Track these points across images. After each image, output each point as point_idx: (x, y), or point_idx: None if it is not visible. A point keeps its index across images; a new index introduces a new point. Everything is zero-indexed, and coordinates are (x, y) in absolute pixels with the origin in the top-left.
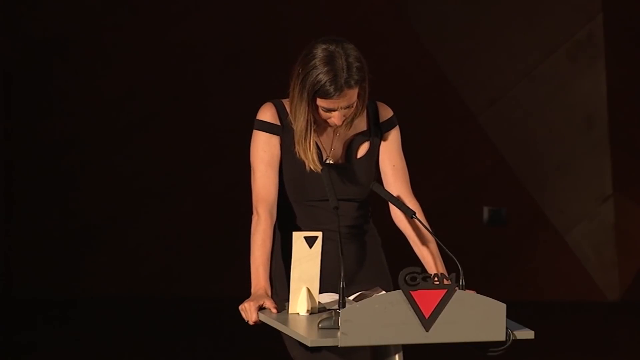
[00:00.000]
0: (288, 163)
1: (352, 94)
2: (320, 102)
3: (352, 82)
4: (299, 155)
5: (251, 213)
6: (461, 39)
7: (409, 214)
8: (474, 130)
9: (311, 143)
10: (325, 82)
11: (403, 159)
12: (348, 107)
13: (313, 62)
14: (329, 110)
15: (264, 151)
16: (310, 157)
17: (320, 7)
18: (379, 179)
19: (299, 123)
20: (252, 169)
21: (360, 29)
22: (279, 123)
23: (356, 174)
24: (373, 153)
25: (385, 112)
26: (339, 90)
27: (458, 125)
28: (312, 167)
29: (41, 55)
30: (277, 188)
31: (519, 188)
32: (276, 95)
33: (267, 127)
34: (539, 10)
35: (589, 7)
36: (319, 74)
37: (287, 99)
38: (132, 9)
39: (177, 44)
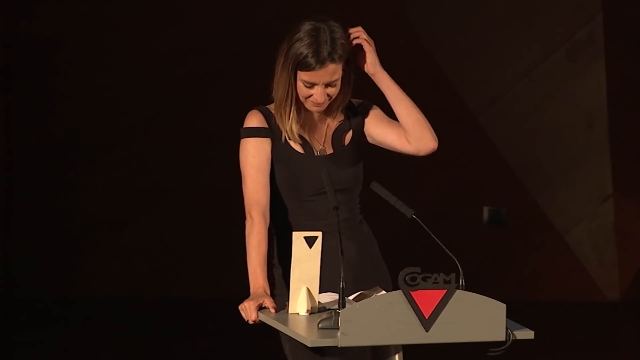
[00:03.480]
0: (281, 162)
1: (334, 70)
2: (301, 75)
3: (335, 57)
4: (277, 124)
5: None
6: (461, 39)
7: (409, 214)
8: (474, 130)
9: (290, 112)
10: (308, 54)
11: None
12: (330, 84)
13: (297, 35)
14: (311, 85)
15: (254, 157)
16: (288, 126)
17: (319, 8)
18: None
19: (279, 92)
20: (242, 175)
21: None
22: (266, 126)
23: (345, 162)
24: (357, 140)
25: (356, 100)
26: (321, 62)
27: (458, 125)
28: (288, 136)
29: (41, 54)
30: (268, 192)
31: (519, 188)
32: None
33: (255, 132)
34: (539, 10)
35: (589, 7)
36: (302, 45)
37: (272, 104)
38: (132, 8)
39: (177, 43)
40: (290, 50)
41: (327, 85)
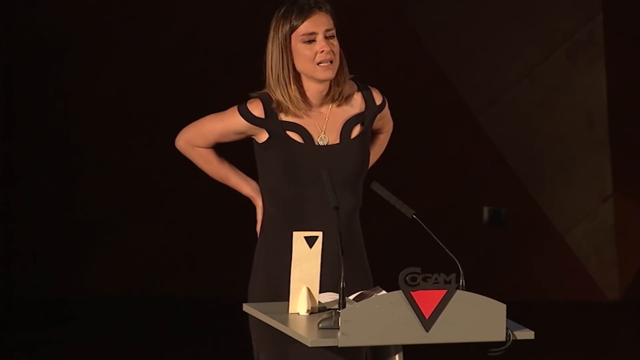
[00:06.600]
0: (276, 148)
1: (327, 21)
2: (297, 35)
3: (322, 6)
4: (282, 99)
5: (248, 212)
6: (461, 39)
7: (409, 214)
8: (474, 130)
9: (290, 79)
10: (294, 12)
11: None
12: (328, 34)
13: (279, 12)
14: (310, 40)
15: (231, 128)
16: (292, 93)
17: None
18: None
19: (273, 64)
20: (210, 116)
21: (360, 30)
22: (263, 116)
23: (350, 155)
24: (366, 134)
25: (379, 97)
26: (308, 11)
27: (458, 125)
28: (293, 109)
29: (42, 54)
30: (214, 145)
31: (519, 188)
32: None
33: (250, 118)
34: (538, 10)
35: (589, 7)
36: (286, 12)
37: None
38: (132, 8)
39: (177, 43)
40: (277, 26)
41: (327, 37)
